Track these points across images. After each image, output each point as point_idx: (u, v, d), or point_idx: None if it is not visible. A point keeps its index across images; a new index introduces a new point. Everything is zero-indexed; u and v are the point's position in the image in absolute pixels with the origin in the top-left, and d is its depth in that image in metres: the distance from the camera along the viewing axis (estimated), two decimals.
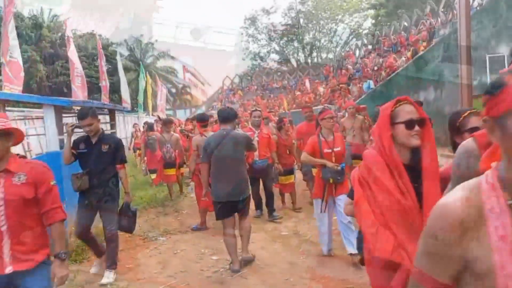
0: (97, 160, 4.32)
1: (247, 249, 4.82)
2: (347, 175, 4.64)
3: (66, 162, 4.38)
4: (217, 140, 4.63)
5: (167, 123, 9.49)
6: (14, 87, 8.67)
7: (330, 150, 4.90)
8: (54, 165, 5.34)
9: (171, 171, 8.92)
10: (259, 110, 7.24)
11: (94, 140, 4.36)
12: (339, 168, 4.78)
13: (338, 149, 4.99)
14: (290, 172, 7.56)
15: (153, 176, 9.75)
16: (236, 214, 4.78)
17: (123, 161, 4.55)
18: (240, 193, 4.66)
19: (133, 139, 14.51)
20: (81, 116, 4.40)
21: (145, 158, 10.29)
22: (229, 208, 4.67)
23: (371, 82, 16.39)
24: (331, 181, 4.72)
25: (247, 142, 4.90)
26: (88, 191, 4.37)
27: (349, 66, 23.25)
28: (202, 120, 6.41)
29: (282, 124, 7.67)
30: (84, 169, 4.40)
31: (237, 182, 4.63)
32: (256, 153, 6.44)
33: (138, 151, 13.08)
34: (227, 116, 4.76)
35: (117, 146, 4.50)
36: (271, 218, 6.95)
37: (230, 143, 4.59)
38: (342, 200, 4.40)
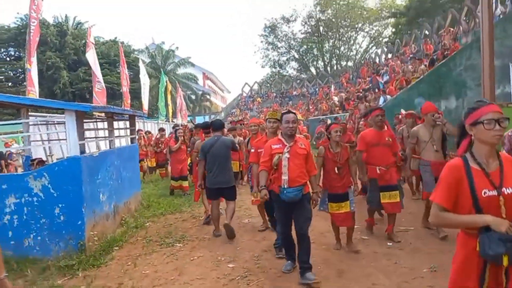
0: None
1: (230, 220, 6.23)
2: None
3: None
4: (211, 143, 6.33)
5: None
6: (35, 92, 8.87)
7: (495, 193, 2.16)
8: (74, 170, 5.47)
9: None
10: (293, 113, 4.63)
11: None
12: None
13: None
14: (344, 197, 5.25)
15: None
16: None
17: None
18: (227, 182, 6.32)
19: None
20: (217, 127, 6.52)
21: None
22: (218, 192, 6.36)
23: (388, 97, 16.22)
24: (504, 261, 2.05)
25: (232, 145, 6.64)
26: None
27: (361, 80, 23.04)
28: (206, 128, 7.36)
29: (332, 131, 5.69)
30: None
31: (224, 173, 6.31)
32: (285, 177, 4.30)
33: (141, 162, 11.52)
34: (219, 126, 6.58)
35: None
36: (304, 281, 4.36)
37: (220, 145, 6.35)
38: None
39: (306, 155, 4.49)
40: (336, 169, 5.18)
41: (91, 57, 14.21)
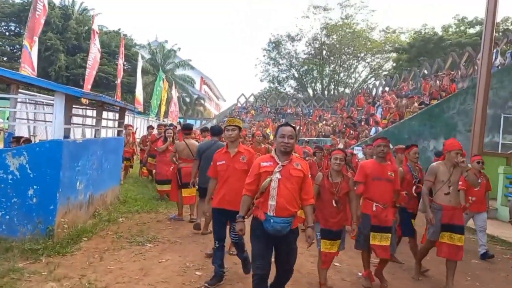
0: None
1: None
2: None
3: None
4: (207, 145, 6.51)
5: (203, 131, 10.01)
6: (32, 70, 8.75)
7: None
8: (55, 153, 5.36)
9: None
10: (291, 126, 3.82)
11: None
12: None
13: None
14: (337, 235, 4.73)
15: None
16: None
17: None
18: None
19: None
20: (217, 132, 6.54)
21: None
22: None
23: (379, 128, 16.35)
24: None
25: None
26: None
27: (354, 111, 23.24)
28: (186, 129, 7.91)
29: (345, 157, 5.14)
30: None
31: None
32: (272, 202, 3.53)
33: (125, 162, 10.76)
34: (217, 132, 6.64)
35: None
36: None
37: (215, 149, 6.12)
38: None
39: (302, 178, 3.67)
40: (333, 201, 4.63)
41: (95, 47, 14.21)
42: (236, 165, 4.62)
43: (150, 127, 12.70)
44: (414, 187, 5.91)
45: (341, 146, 13.99)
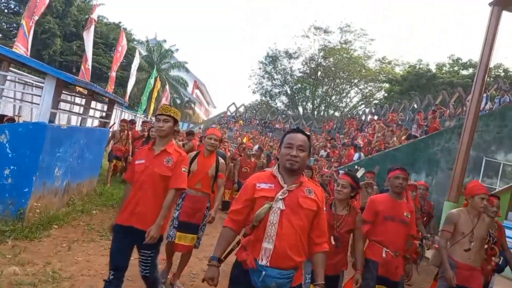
0: None
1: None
2: None
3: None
4: None
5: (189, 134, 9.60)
6: (25, 50, 8.64)
7: None
8: (37, 136, 5.28)
9: None
10: (305, 134, 2.65)
11: None
12: None
13: None
14: (333, 282, 3.78)
15: None
16: None
17: None
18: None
19: (111, 142, 10.01)
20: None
21: None
22: None
23: (362, 154, 16.50)
24: None
25: (222, 157, 6.86)
26: None
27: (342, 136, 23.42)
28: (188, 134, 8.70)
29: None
30: None
31: None
32: (269, 246, 2.44)
33: (115, 161, 9.85)
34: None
35: None
36: None
37: None
38: None
39: (316, 213, 2.54)
40: (332, 238, 3.68)
41: (89, 34, 14.07)
42: (157, 167, 3.40)
43: (131, 122, 11.13)
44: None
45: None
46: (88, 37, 13.95)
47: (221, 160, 4.86)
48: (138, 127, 13.81)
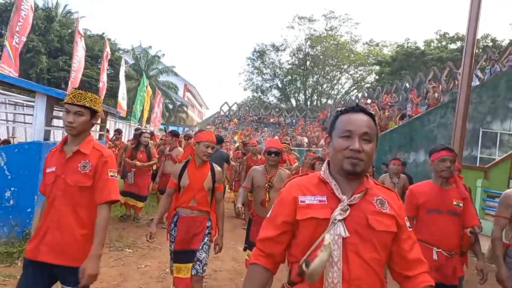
0: None
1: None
2: None
3: None
4: None
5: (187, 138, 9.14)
6: (12, 71, 8.58)
7: None
8: (34, 155, 5.26)
9: None
10: (368, 113, 1.70)
11: None
12: None
13: None
14: None
15: None
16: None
17: None
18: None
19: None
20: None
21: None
22: None
23: None
24: None
25: (227, 157, 8.00)
26: None
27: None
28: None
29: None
30: None
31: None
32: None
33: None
34: (220, 140, 7.88)
35: None
36: None
37: (218, 155, 7.31)
38: None
39: (395, 235, 1.65)
40: None
41: (78, 49, 13.97)
42: (69, 177, 2.51)
43: (117, 131, 11.02)
44: None
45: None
46: (78, 51, 13.86)
47: (217, 168, 3.96)
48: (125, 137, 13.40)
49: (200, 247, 3.74)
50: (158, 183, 8.05)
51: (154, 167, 8.75)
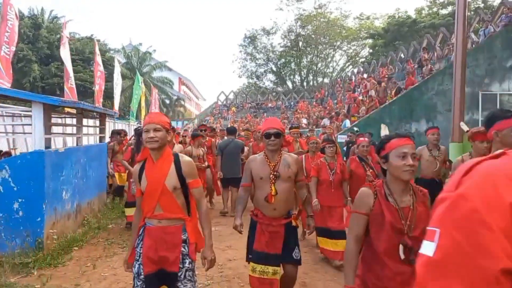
0: None
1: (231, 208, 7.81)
2: None
3: None
4: (226, 143, 8.22)
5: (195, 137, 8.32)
6: (5, 83, 8.54)
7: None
8: (37, 165, 5.25)
9: None
10: None
11: None
12: None
13: None
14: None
15: None
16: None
17: None
18: (235, 173, 7.97)
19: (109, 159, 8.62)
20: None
21: None
22: (229, 181, 8.18)
23: (348, 122, 16.41)
24: None
25: (242, 147, 8.49)
26: None
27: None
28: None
29: None
30: None
31: (235, 166, 8.13)
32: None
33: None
34: (233, 131, 8.60)
35: None
36: None
37: (234, 145, 8.15)
38: None
39: None
40: (400, 248, 2.22)
41: (65, 52, 13.82)
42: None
43: (114, 132, 9.44)
44: None
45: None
46: (65, 55, 13.73)
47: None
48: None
49: (182, 276, 2.87)
50: None
51: None
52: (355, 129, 13.78)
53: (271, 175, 3.45)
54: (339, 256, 5.05)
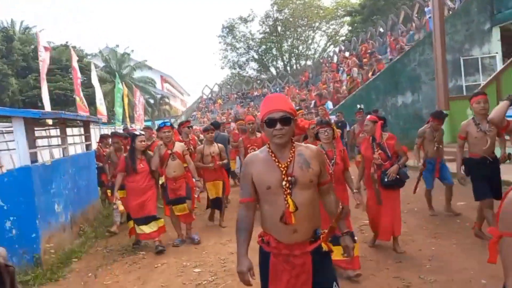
0: None
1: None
2: None
3: None
4: (214, 137, 7.64)
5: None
6: None
7: None
8: (25, 181, 5.14)
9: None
10: None
11: None
12: None
13: None
14: None
15: None
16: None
17: None
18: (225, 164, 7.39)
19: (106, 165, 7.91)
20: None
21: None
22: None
23: (330, 104, 16.22)
24: None
25: (228, 138, 9.09)
26: None
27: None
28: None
29: None
30: None
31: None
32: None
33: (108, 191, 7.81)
34: (218, 125, 8.97)
35: None
36: None
37: (221, 138, 8.28)
38: None
39: None
40: None
41: (44, 65, 13.51)
42: None
43: (102, 136, 9.39)
44: None
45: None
46: (43, 66, 13.42)
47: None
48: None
49: None
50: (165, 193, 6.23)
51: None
52: (358, 106, 13.36)
53: (284, 182, 2.21)
54: (355, 265, 4.11)
